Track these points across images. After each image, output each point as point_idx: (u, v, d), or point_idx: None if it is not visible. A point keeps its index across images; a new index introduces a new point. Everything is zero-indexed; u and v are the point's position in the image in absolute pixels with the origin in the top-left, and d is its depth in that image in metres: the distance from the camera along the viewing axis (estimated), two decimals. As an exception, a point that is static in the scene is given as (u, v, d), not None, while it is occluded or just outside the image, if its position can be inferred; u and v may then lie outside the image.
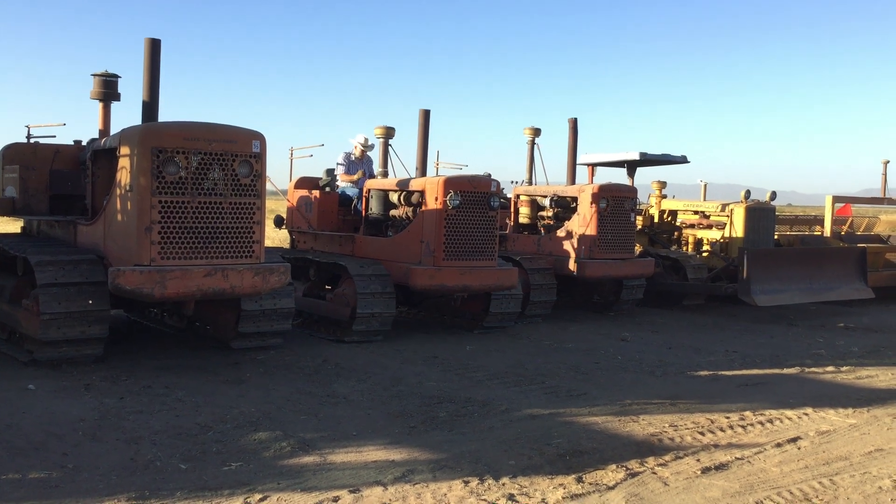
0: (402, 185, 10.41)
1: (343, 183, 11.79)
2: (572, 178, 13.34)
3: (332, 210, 11.46)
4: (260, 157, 7.70)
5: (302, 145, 12.69)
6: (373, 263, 9.86)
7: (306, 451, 5.48)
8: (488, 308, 10.47)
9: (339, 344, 9.39)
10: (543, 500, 4.74)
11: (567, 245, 12.21)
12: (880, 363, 9.35)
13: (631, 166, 16.21)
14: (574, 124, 13.12)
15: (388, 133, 11.34)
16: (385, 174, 11.31)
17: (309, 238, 11.71)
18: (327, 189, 11.57)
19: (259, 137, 7.72)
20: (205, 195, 7.40)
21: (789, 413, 6.89)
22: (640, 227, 15.22)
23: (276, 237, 22.67)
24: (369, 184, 11.08)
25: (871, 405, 7.28)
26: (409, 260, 9.76)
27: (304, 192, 11.71)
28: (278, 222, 12.35)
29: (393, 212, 10.70)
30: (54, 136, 9.51)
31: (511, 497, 4.76)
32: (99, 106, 9.22)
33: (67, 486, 4.72)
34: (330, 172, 11.73)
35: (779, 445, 5.96)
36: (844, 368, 8.95)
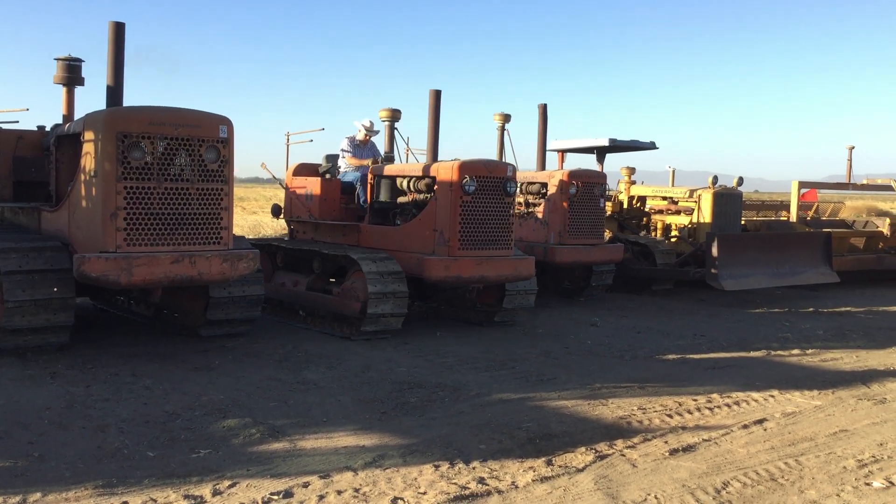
0: (413, 171, 9.88)
1: (345, 169, 11.20)
2: (542, 165, 13.36)
3: (334, 198, 10.82)
4: (227, 143, 7.62)
5: (299, 130, 11.93)
6: (383, 255, 9.25)
7: (276, 438, 5.45)
8: (502, 300, 9.92)
9: (344, 340, 8.88)
10: (513, 483, 4.76)
11: (537, 231, 12.25)
12: (845, 346, 9.49)
13: (600, 152, 16.28)
14: (544, 110, 13.13)
15: (395, 116, 10.80)
16: (391, 160, 10.81)
17: (309, 228, 11.12)
18: (328, 176, 10.97)
19: (226, 122, 7.64)
20: (171, 181, 7.32)
21: (756, 395, 6.97)
22: (609, 212, 15.31)
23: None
24: (375, 170, 10.47)
25: (836, 387, 7.39)
26: (421, 250, 9.22)
27: (303, 180, 11.14)
28: (275, 211, 11.83)
29: (401, 199, 10.07)
30: (17, 122, 9.38)
31: (481, 480, 4.77)
32: (62, 91, 9.08)
33: (33, 475, 4.66)
34: (330, 158, 11.13)
35: (745, 427, 6.03)
36: (810, 351, 9.08)
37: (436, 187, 9.31)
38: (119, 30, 7.85)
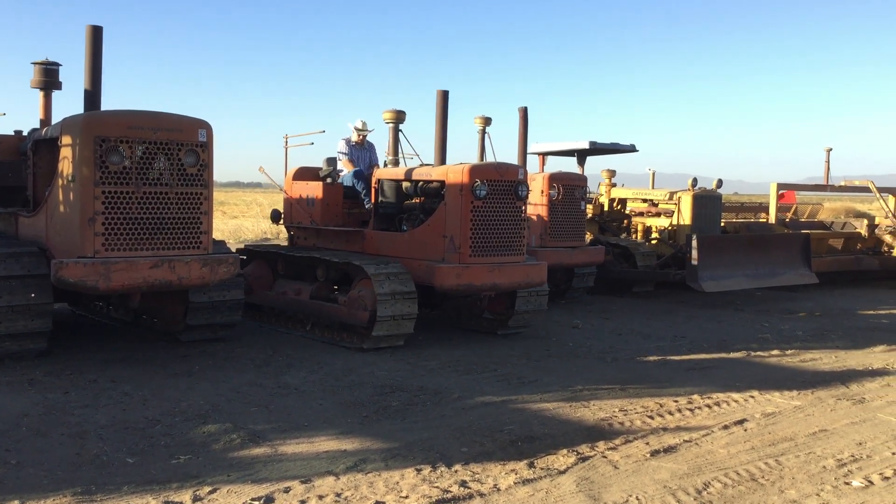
0: (420, 175, 9.45)
1: (346, 172, 10.87)
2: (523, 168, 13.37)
3: (336, 203, 10.47)
4: (206, 146, 7.58)
5: (298, 132, 11.36)
6: (391, 262, 8.88)
7: (257, 443, 5.42)
8: (512, 307, 9.60)
9: (352, 349, 8.61)
10: (496, 485, 4.76)
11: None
12: (824, 346, 9.56)
13: (581, 155, 16.34)
14: (524, 113, 13.14)
15: (399, 117, 10.40)
16: (396, 162, 10.44)
17: (311, 234, 10.72)
18: (329, 180, 10.63)
19: (205, 126, 7.59)
20: (150, 185, 7.27)
21: (736, 396, 7.01)
22: (590, 215, 15.38)
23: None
24: (379, 173, 10.10)
25: (816, 387, 7.44)
26: (431, 257, 8.85)
27: (303, 184, 10.77)
28: (275, 217, 11.48)
29: (407, 203, 9.74)
30: (-6, 127, 9.26)
31: (463, 483, 4.77)
32: (40, 95, 9.00)
33: (11, 482, 4.61)
34: (331, 162, 10.87)
35: (726, 428, 6.06)
36: (789, 352, 9.14)
37: (445, 192, 8.94)
38: (96, 33, 7.78)
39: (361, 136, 11.14)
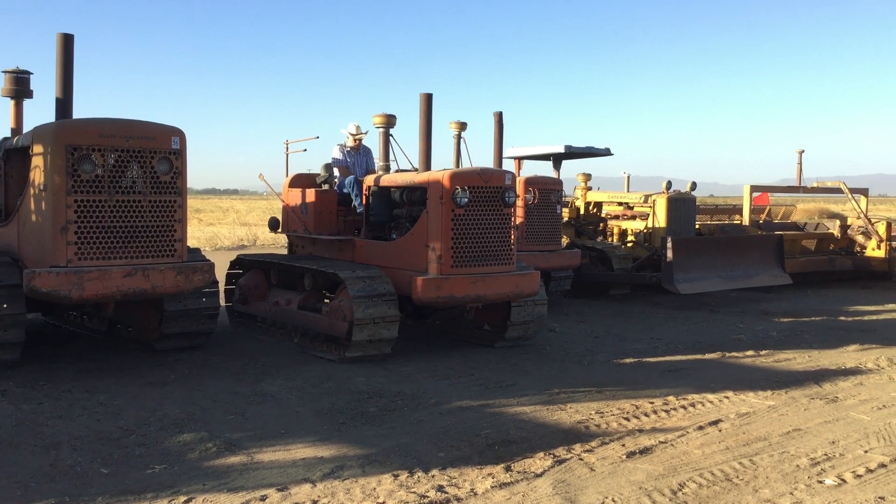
0: (405, 181, 9.17)
1: (343, 178, 10.50)
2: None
3: (330, 210, 10.20)
4: (180, 154, 7.55)
5: (298, 138, 11.04)
6: (373, 271, 8.59)
7: (233, 452, 5.40)
8: (509, 318, 9.14)
9: (330, 360, 8.36)
10: (472, 490, 4.77)
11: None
12: (798, 346, 9.65)
13: (557, 159, 16.40)
14: (499, 118, 13.19)
15: (389, 122, 10.07)
16: (387, 168, 10.08)
17: (307, 242, 10.52)
18: (325, 186, 10.36)
19: (178, 134, 7.57)
20: (123, 193, 7.23)
21: (711, 397, 7.07)
22: (566, 219, 15.44)
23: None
24: (368, 180, 9.81)
25: (789, 387, 7.51)
26: (414, 267, 8.53)
27: (299, 192, 10.52)
28: (273, 225, 11.14)
29: (396, 211, 9.42)
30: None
31: (440, 488, 4.77)
32: (10, 103, 8.92)
33: (-18, 496, 4.56)
34: (328, 168, 10.47)
35: (700, 428, 6.11)
36: (763, 352, 9.21)
37: (427, 200, 8.60)
38: (67, 41, 7.74)
39: (357, 141, 10.81)
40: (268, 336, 9.71)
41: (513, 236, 8.81)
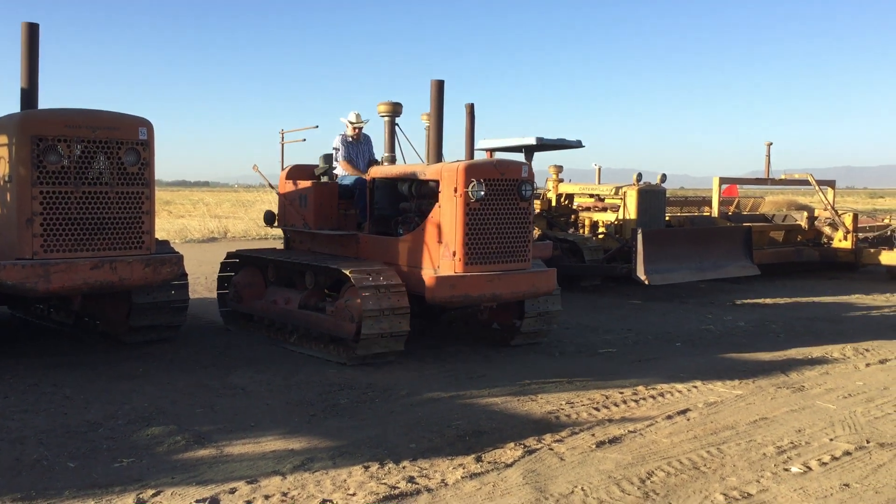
0: (414, 174, 8.66)
1: (342, 171, 10.17)
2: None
3: (330, 204, 9.66)
4: (147, 145, 7.48)
5: (294, 128, 10.83)
6: (381, 268, 8.10)
7: (202, 445, 5.36)
8: (522, 317, 8.74)
9: (336, 364, 7.90)
10: (443, 480, 4.78)
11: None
12: (765, 336, 9.77)
13: (528, 151, 16.43)
14: (471, 109, 13.13)
15: (395, 110, 9.68)
16: (392, 160, 9.74)
17: (306, 238, 9.89)
18: (324, 178, 9.84)
19: (146, 124, 7.49)
20: (89, 185, 7.15)
21: (679, 386, 7.13)
22: (538, 210, 15.48)
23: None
24: (373, 172, 9.31)
25: (756, 376, 7.60)
26: (425, 265, 8.11)
27: (297, 183, 9.95)
28: (269, 219, 10.53)
29: (403, 205, 8.95)
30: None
31: (411, 479, 4.78)
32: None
33: (-54, 491, 4.50)
34: (327, 159, 9.95)
35: (669, 418, 6.17)
36: (731, 342, 9.31)
37: (440, 193, 8.14)
38: (33, 31, 7.62)
39: (357, 130, 10.41)
40: (266, 336, 9.23)
41: (529, 232, 8.36)
